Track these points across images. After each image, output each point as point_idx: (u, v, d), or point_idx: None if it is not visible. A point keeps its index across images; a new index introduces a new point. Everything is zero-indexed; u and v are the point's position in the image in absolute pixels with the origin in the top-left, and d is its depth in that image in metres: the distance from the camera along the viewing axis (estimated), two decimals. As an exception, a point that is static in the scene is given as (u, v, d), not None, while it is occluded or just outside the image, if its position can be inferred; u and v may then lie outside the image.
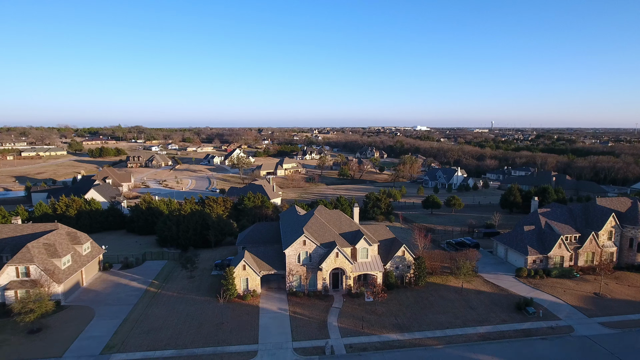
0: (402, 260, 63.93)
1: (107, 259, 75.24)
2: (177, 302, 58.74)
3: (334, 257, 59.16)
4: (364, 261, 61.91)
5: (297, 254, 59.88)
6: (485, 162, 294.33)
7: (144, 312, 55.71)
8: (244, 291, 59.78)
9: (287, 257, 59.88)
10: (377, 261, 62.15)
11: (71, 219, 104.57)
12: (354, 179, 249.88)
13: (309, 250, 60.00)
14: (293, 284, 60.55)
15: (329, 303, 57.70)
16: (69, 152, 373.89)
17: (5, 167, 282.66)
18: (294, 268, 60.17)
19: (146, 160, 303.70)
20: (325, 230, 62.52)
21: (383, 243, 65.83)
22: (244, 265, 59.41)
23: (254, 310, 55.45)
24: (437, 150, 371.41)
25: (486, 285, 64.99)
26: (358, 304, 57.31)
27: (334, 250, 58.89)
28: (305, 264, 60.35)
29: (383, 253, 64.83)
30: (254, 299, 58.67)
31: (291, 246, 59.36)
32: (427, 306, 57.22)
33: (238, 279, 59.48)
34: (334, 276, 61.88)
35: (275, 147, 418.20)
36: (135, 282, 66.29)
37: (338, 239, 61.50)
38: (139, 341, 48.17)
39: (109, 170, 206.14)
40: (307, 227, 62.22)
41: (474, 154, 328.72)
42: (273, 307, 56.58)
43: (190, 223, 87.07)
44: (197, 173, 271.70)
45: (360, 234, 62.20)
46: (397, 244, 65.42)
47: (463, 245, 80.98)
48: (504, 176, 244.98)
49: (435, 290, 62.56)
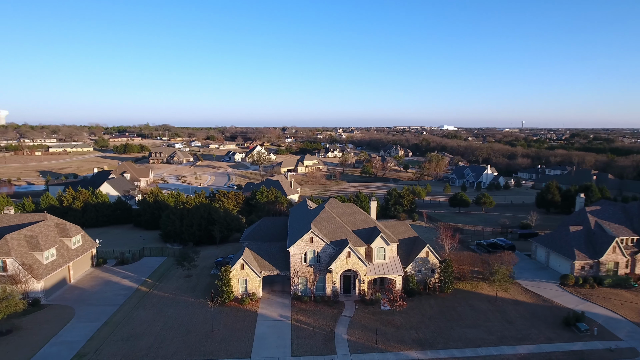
0: (425, 262, 55.22)
1: (103, 254, 69.66)
2: (168, 304, 52.07)
3: (346, 258, 51.09)
4: (381, 263, 53.58)
5: (303, 252, 52.15)
6: (516, 161, 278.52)
7: (129, 314, 49.25)
8: (242, 294, 52.53)
9: (291, 257, 52.25)
10: (396, 263, 53.69)
11: (77, 211, 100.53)
12: (377, 177, 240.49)
13: (316, 249, 52.18)
14: (298, 287, 52.85)
15: (338, 310, 49.67)
16: (95, 148, 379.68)
17: (33, 162, 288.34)
18: (299, 269, 52.48)
19: (168, 157, 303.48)
20: (337, 227, 54.52)
21: (403, 242, 57.27)
22: (242, 265, 52.15)
23: (251, 317, 48.05)
24: (465, 148, 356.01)
25: (525, 294, 55.41)
26: (372, 313, 49.03)
27: (346, 250, 50.83)
28: (313, 264, 52.55)
29: (403, 254, 56.31)
30: (253, 303, 51.30)
31: (296, 244, 51.68)
32: (454, 318, 48.33)
33: (235, 279, 52.28)
34: (345, 279, 53.84)
35: (298, 145, 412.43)
36: (127, 280, 60.21)
37: (351, 237, 53.40)
38: (114, 349, 41.55)
39: (128, 165, 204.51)
40: (316, 223, 54.42)
41: (504, 152, 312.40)
42: (273, 313, 49.02)
43: (194, 217, 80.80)
44: (217, 169, 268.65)
45: (377, 231, 53.90)
46: (419, 243, 56.74)
47: (496, 247, 71.26)
48: (538, 175, 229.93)
49: (464, 298, 53.53)
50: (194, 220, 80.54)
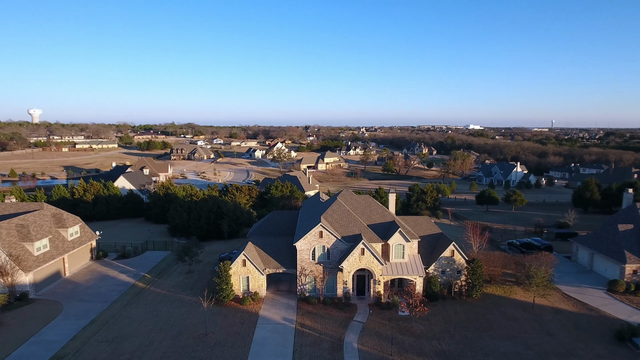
0: (450, 262, 48.74)
1: (104, 247, 66.15)
2: (163, 302, 47.53)
3: (359, 255, 45.22)
4: (399, 261, 47.43)
5: (311, 248, 46.60)
6: (547, 159, 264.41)
7: (119, 312, 44.93)
8: (244, 293, 47.43)
9: (298, 253, 46.78)
10: (417, 262, 47.43)
11: (88, 204, 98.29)
12: (399, 175, 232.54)
13: (326, 245, 46.52)
14: (305, 287, 47.33)
15: (349, 314, 43.87)
16: (119, 145, 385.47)
17: (59, 158, 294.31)
18: (307, 267, 46.95)
19: (189, 153, 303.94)
20: (350, 220, 48.71)
21: (425, 240, 50.92)
22: (243, 261, 47.04)
23: (251, 319, 42.85)
24: (492, 146, 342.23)
25: (567, 301, 48.15)
26: (388, 319, 43.00)
27: (359, 246, 44.96)
28: (322, 261, 46.92)
29: (425, 252, 49.98)
30: (255, 303, 46.10)
31: (304, 238, 46.17)
32: (484, 327, 41.75)
33: (236, 277, 47.22)
34: (358, 279, 47.99)
35: (319, 143, 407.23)
36: (125, 274, 56.18)
37: (365, 232, 47.48)
38: (96, 351, 37.11)
39: (147, 160, 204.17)
40: (326, 215, 48.77)
41: (534, 150, 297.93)
42: (276, 316, 43.66)
43: (202, 210, 76.52)
44: (237, 166, 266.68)
45: (395, 226, 47.78)
46: (444, 241, 50.27)
47: (530, 247, 63.79)
48: (571, 174, 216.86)
49: (495, 304, 46.77)
50: (202, 213, 76.26)
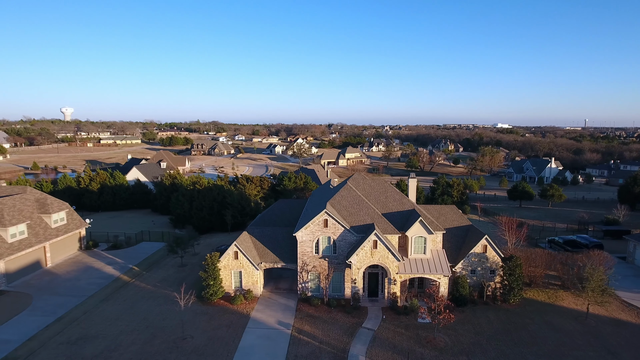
0: (481, 259, 40.59)
1: (96, 237, 60.99)
2: (144, 298, 41.42)
3: (371, 248, 37.72)
4: (420, 257, 39.66)
5: (314, 240, 39.44)
6: (584, 156, 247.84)
7: (92, 309, 39.04)
8: (236, 290, 40.74)
9: (299, 245, 39.71)
10: (441, 259, 39.53)
11: (93, 194, 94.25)
12: (424, 171, 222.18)
13: (332, 236, 39.25)
14: (307, 286, 40.21)
15: (358, 320, 36.47)
16: (143, 141, 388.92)
17: (82, 153, 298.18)
18: (309, 261, 39.82)
19: (209, 148, 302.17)
20: (361, 207, 41.25)
21: (452, 233, 42.90)
22: (235, 253, 40.32)
23: (240, 322, 36.06)
24: (523, 143, 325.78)
25: (628, 310, 39.19)
26: (405, 327, 35.36)
27: (371, 237, 37.47)
28: (327, 256, 39.69)
29: (451, 247, 41.99)
30: (247, 303, 39.31)
31: (305, 228, 39.07)
32: (525, 341, 33.54)
33: (227, 271, 40.57)
34: (370, 278, 40.52)
35: (342, 139, 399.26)
36: (111, 266, 50.53)
37: (379, 221, 39.92)
38: (52, 355, 31.14)
39: (165, 154, 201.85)
40: (333, 202, 41.50)
41: (568, 147, 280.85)
42: (271, 318, 36.72)
43: (205, 200, 70.53)
44: (256, 161, 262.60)
45: (416, 215, 40.02)
46: (474, 234, 42.12)
47: (576, 245, 54.62)
48: (611, 171, 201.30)
49: (538, 312, 38.36)
50: (205, 203, 70.27)
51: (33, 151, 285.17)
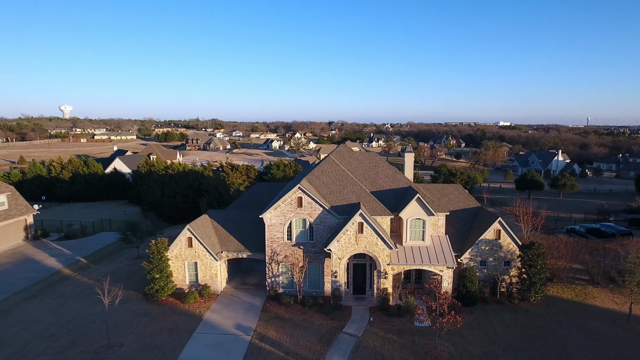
0: (494, 247, 32.86)
1: (48, 226, 53.46)
2: (79, 295, 33.81)
3: (355, 233, 30.01)
4: (417, 245, 31.96)
5: (285, 223, 31.78)
6: (590, 150, 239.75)
7: (12, 308, 31.48)
8: (190, 285, 33.12)
9: (267, 230, 32.06)
10: (443, 247, 31.84)
11: (65, 183, 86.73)
12: (424, 166, 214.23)
13: (308, 218, 31.58)
14: (278, 280, 32.57)
15: (339, 322, 28.76)
16: (138, 137, 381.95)
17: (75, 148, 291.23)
18: (280, 250, 32.16)
19: (204, 143, 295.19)
20: (345, 184, 33.54)
21: (457, 216, 35.19)
22: (189, 239, 32.66)
23: (187, 325, 28.42)
24: (526, 138, 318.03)
25: (677, 311, 31.40)
26: (398, 332, 27.66)
27: (355, 219, 29.77)
28: (302, 243, 32.04)
29: (456, 234, 34.27)
30: (203, 301, 31.67)
31: (275, 208, 31.44)
32: (555, 351, 25.83)
33: (178, 262, 32.96)
34: (356, 270, 32.85)
35: (341, 135, 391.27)
36: (55, 258, 42.95)
37: (367, 200, 32.22)
38: None
39: (155, 147, 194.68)
40: (311, 177, 33.85)
41: (574, 141, 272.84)
42: (228, 321, 29.05)
43: (178, 186, 62.92)
44: (252, 156, 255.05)
45: (412, 192, 32.31)
46: (484, 217, 34.38)
47: (601, 234, 46.93)
48: (619, 165, 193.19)
49: (566, 313, 30.61)
50: (178, 189, 62.64)
51: (24, 146, 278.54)
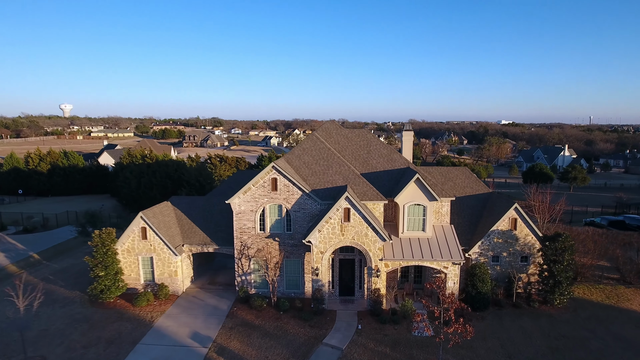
0: (508, 240, 27.36)
1: (7, 219, 48.29)
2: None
3: (340, 221, 24.59)
4: (417, 236, 26.51)
5: (257, 209, 26.38)
6: (596, 147, 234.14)
7: None
8: (146, 285, 27.75)
9: (235, 218, 26.67)
10: (448, 239, 26.38)
11: (42, 175, 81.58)
12: (426, 162, 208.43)
13: (285, 204, 26.17)
14: (249, 279, 27.20)
15: (319, 331, 23.34)
16: (135, 134, 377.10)
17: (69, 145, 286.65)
18: (251, 242, 26.77)
19: (201, 140, 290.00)
20: (330, 164, 28.11)
21: (464, 203, 29.73)
22: (143, 230, 27.28)
23: (133, 334, 23.06)
24: (530, 135, 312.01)
25: None
26: (392, 343, 22.21)
27: (341, 204, 24.36)
28: (277, 234, 26.64)
29: (463, 224, 28.80)
30: (158, 304, 26.30)
31: (244, 192, 26.11)
32: (589, 367, 20.38)
33: (131, 257, 27.61)
34: (342, 267, 27.41)
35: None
36: (4, 254, 37.76)
37: (356, 183, 26.80)
38: None
39: (149, 142, 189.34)
40: (290, 157, 28.46)
41: (579, 138, 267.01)
42: (183, 329, 23.66)
43: (156, 176, 57.65)
44: (250, 153, 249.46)
45: (410, 173, 26.88)
46: (497, 204, 28.91)
47: (625, 227, 41.52)
48: (627, 161, 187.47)
49: (597, 320, 25.14)
50: (156, 180, 57.35)
51: (18, 143, 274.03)
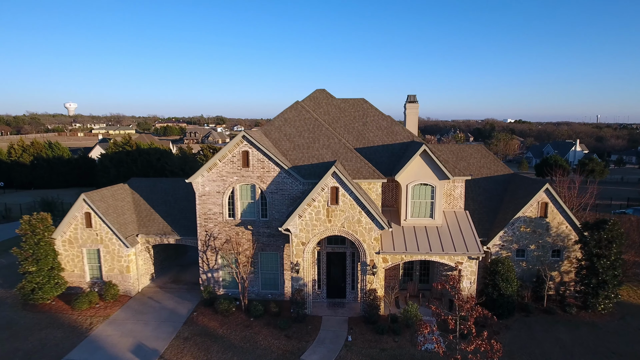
0: (538, 229, 22.10)
1: (-34, 210, 43.63)
2: (-62, 298, 23.60)
3: (326, 204, 19.47)
4: (422, 223, 21.31)
5: (225, 191, 21.32)
6: (607, 143, 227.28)
7: None
8: (93, 283, 22.77)
9: (198, 201, 21.59)
10: (462, 227, 21.16)
11: (25, 167, 77.27)
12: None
13: (259, 184, 21.09)
14: (216, 277, 22.16)
15: (298, 344, 18.21)
16: (137, 131, 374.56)
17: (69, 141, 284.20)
18: (218, 231, 21.71)
19: (202, 137, 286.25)
20: (317, 137, 22.98)
21: (480, 186, 24.54)
22: (87, 216, 22.28)
23: (60, 346, 18.05)
24: (539, 132, 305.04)
25: None
26: (391, 361, 17.04)
27: (326, 182, 19.24)
28: (250, 220, 21.56)
29: (480, 210, 23.59)
30: (103, 307, 21.31)
31: (207, 168, 21.06)
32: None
33: (74, 249, 22.63)
34: (331, 262, 22.25)
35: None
36: (-51, 248, 32.88)
37: (348, 158, 21.66)
38: None
39: (147, 137, 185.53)
40: (269, 129, 23.42)
41: (589, 134, 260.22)
42: (125, 339, 18.62)
43: (136, 165, 52.98)
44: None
45: (415, 146, 21.69)
46: (521, 186, 23.66)
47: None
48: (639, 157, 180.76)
49: (652, 329, 19.83)
50: (136, 169, 52.71)
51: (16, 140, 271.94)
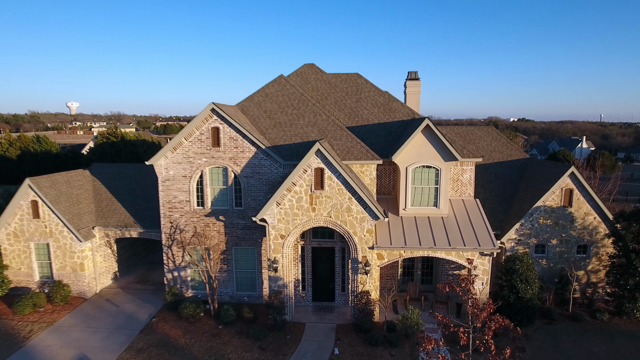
0: (561, 221, 18.84)
1: None
2: None
3: (308, 188, 16.24)
4: (425, 213, 18.07)
5: (192, 175, 18.12)
6: (614, 140, 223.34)
7: None
8: (43, 283, 19.62)
9: (161, 187, 18.40)
10: (472, 217, 17.89)
11: (11, 161, 73.83)
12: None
13: (232, 167, 17.89)
14: (183, 276, 18.97)
15: (274, 357, 14.99)
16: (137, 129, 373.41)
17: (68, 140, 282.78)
18: (184, 223, 18.52)
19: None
20: (303, 112, 19.78)
21: (490, 171, 21.32)
22: (34, 205, 19.13)
23: (-17, 360, 14.93)
24: (543, 129, 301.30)
25: None
26: (385, 381, 13.84)
27: (310, 162, 16.01)
28: (221, 210, 18.37)
29: (491, 199, 20.35)
30: (50, 311, 18.17)
31: (172, 148, 17.85)
32: None
33: (20, 244, 19.50)
34: (317, 259, 19.01)
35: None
36: None
37: (337, 136, 18.44)
38: None
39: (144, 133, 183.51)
40: (247, 104, 20.19)
41: (594, 131, 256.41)
42: (67, 351, 15.46)
43: (120, 157, 49.89)
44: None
45: (417, 122, 18.44)
46: (540, 172, 20.42)
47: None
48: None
49: (702, 340, 16.50)
50: (120, 161, 49.59)
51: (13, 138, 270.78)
